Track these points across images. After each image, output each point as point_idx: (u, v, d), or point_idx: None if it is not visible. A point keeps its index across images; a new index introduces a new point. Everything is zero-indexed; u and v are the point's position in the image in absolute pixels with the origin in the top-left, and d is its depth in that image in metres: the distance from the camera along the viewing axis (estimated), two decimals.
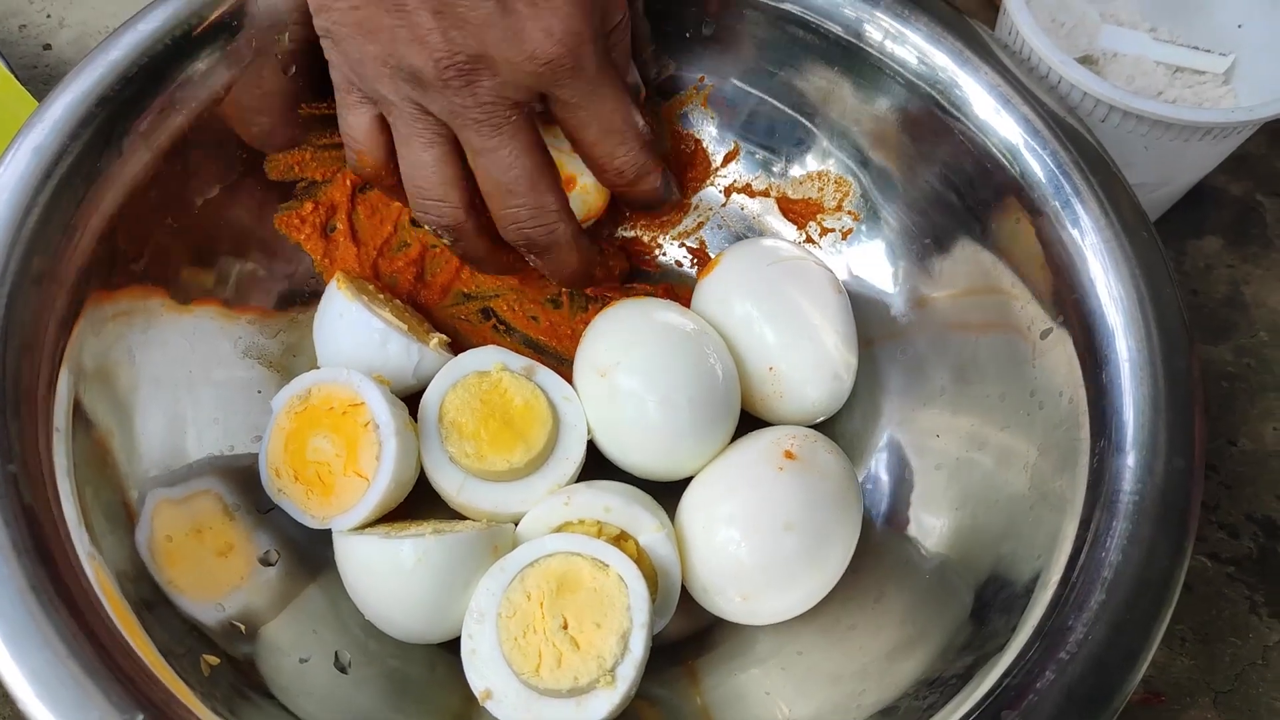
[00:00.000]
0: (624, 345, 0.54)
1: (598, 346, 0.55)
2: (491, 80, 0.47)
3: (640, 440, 0.54)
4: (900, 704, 0.46)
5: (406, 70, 0.47)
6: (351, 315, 0.54)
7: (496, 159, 0.49)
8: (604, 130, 0.52)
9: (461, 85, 0.47)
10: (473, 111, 0.48)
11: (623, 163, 0.53)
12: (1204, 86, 0.66)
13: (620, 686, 0.46)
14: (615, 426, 0.54)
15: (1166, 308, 0.48)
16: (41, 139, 0.47)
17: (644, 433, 0.54)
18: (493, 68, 0.47)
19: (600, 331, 0.56)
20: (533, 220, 0.52)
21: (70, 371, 0.46)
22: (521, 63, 0.47)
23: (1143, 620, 0.42)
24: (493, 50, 0.46)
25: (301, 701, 0.45)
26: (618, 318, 0.56)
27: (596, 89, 0.50)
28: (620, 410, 0.54)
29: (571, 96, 0.49)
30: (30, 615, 0.38)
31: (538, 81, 0.48)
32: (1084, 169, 0.51)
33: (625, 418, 0.54)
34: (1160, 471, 0.45)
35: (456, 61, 0.46)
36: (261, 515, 0.52)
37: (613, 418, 0.54)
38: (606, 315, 0.56)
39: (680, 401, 0.53)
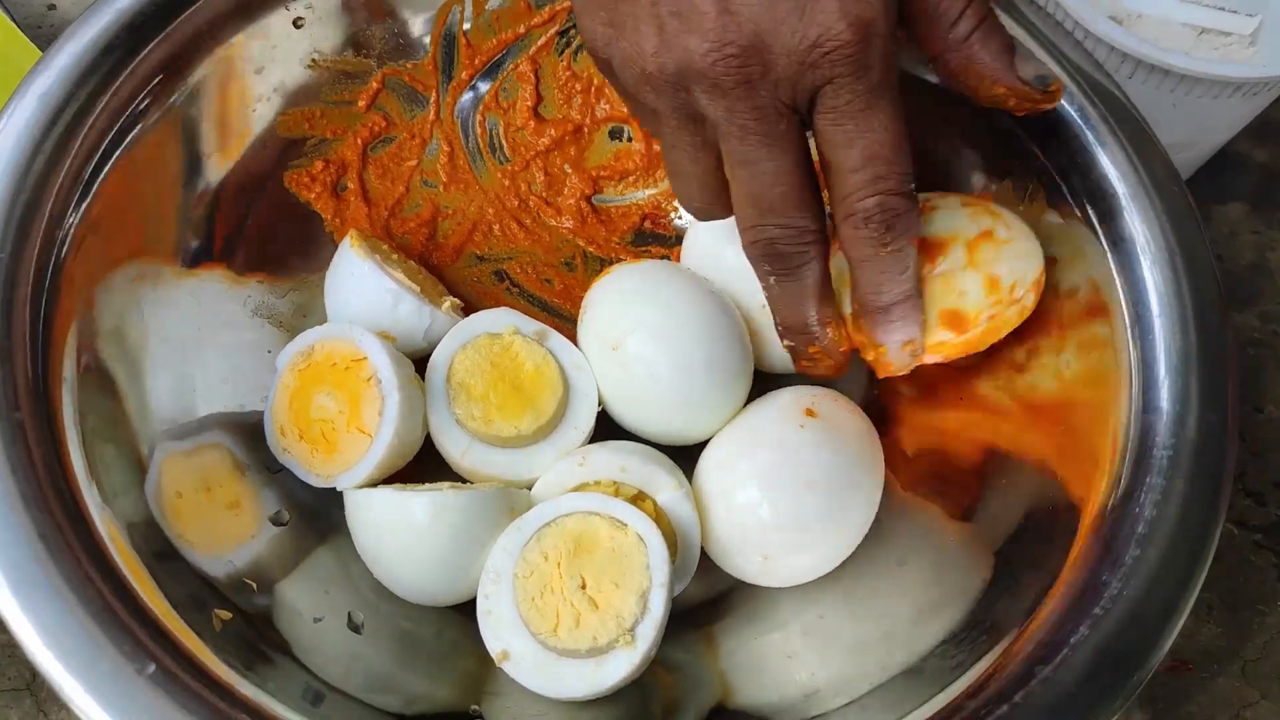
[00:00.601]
0: (634, 315, 0.53)
1: (603, 316, 0.54)
2: (764, 80, 0.41)
3: (656, 408, 0.53)
4: (927, 664, 0.45)
5: (672, 70, 0.41)
6: (364, 275, 0.53)
7: (756, 174, 0.43)
8: (865, 158, 0.43)
9: (730, 85, 0.41)
10: (739, 118, 0.42)
11: (875, 205, 0.43)
12: (1230, 48, 0.65)
13: (640, 646, 0.45)
14: (629, 396, 0.53)
15: (1198, 262, 0.47)
16: (48, 85, 0.46)
17: (659, 400, 0.53)
18: (768, 63, 0.41)
19: (605, 301, 0.54)
20: (784, 237, 0.45)
21: (79, 322, 0.45)
22: (804, 51, 0.40)
23: (1179, 575, 0.41)
24: (770, 38, 0.40)
25: (316, 659, 0.44)
26: (621, 286, 0.55)
27: (876, 100, 0.42)
28: (634, 380, 0.52)
29: (847, 102, 0.42)
30: (39, 564, 0.37)
31: (815, 77, 0.41)
32: (1111, 123, 0.50)
33: (639, 388, 0.53)
34: (1193, 427, 0.44)
35: (727, 56, 0.40)
36: (272, 475, 0.51)
37: (626, 388, 0.53)
38: (607, 284, 0.55)
39: (696, 366, 0.52)
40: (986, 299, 0.49)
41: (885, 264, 0.46)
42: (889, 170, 0.43)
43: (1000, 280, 0.49)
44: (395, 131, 0.59)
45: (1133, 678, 0.39)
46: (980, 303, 0.49)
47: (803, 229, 0.45)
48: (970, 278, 0.49)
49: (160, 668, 0.36)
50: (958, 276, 0.49)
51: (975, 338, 0.49)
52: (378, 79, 0.58)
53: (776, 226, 0.45)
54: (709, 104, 0.42)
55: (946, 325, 0.49)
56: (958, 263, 0.50)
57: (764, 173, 0.43)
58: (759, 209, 0.44)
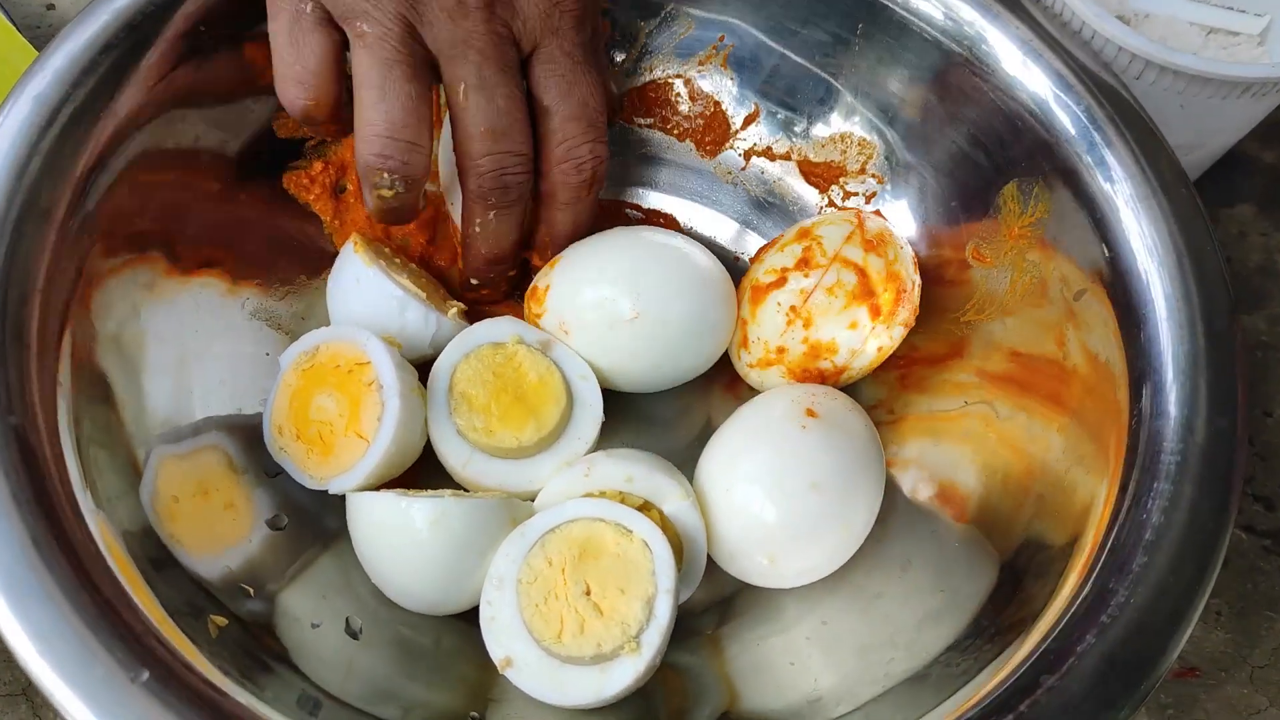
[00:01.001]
0: (624, 275, 0.53)
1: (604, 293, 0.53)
2: (507, 9, 0.45)
3: (650, 358, 0.54)
4: (931, 671, 0.44)
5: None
6: (369, 281, 0.52)
7: (493, 98, 0.46)
8: (581, 106, 0.49)
9: (479, 5, 0.44)
10: (480, 40, 0.45)
11: (587, 151, 0.50)
12: (1239, 47, 0.64)
13: (645, 653, 0.45)
14: (622, 350, 0.54)
15: (1206, 265, 0.47)
16: (43, 87, 0.45)
17: (655, 350, 0.54)
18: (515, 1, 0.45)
19: (587, 261, 0.54)
20: (517, 168, 0.48)
21: (74, 326, 0.44)
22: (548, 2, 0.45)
23: (1187, 582, 0.40)
24: None
25: (314, 666, 0.44)
26: (596, 248, 0.54)
27: (585, 60, 0.48)
28: (635, 341, 0.53)
29: (566, 54, 0.47)
30: (32, 569, 0.36)
31: (545, 26, 0.46)
32: (1118, 123, 0.50)
33: (640, 347, 0.53)
34: (1201, 431, 0.43)
35: None
36: (269, 478, 0.51)
37: (626, 350, 0.54)
38: (580, 249, 0.55)
39: (691, 311, 0.53)
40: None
41: (582, 207, 0.52)
42: (598, 119, 0.49)
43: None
44: None
45: (1140, 686, 0.39)
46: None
47: (527, 156, 0.49)
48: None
49: (154, 675, 0.36)
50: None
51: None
52: None
53: (509, 154, 0.48)
54: (448, 24, 0.44)
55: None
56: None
57: (499, 98, 0.46)
58: (494, 135, 0.47)
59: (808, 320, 0.53)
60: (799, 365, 0.54)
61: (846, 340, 0.53)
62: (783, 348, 0.53)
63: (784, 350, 0.53)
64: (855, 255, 0.53)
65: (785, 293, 0.53)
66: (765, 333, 0.54)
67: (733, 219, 0.63)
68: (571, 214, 0.53)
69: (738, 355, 0.56)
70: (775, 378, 0.55)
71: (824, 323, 0.53)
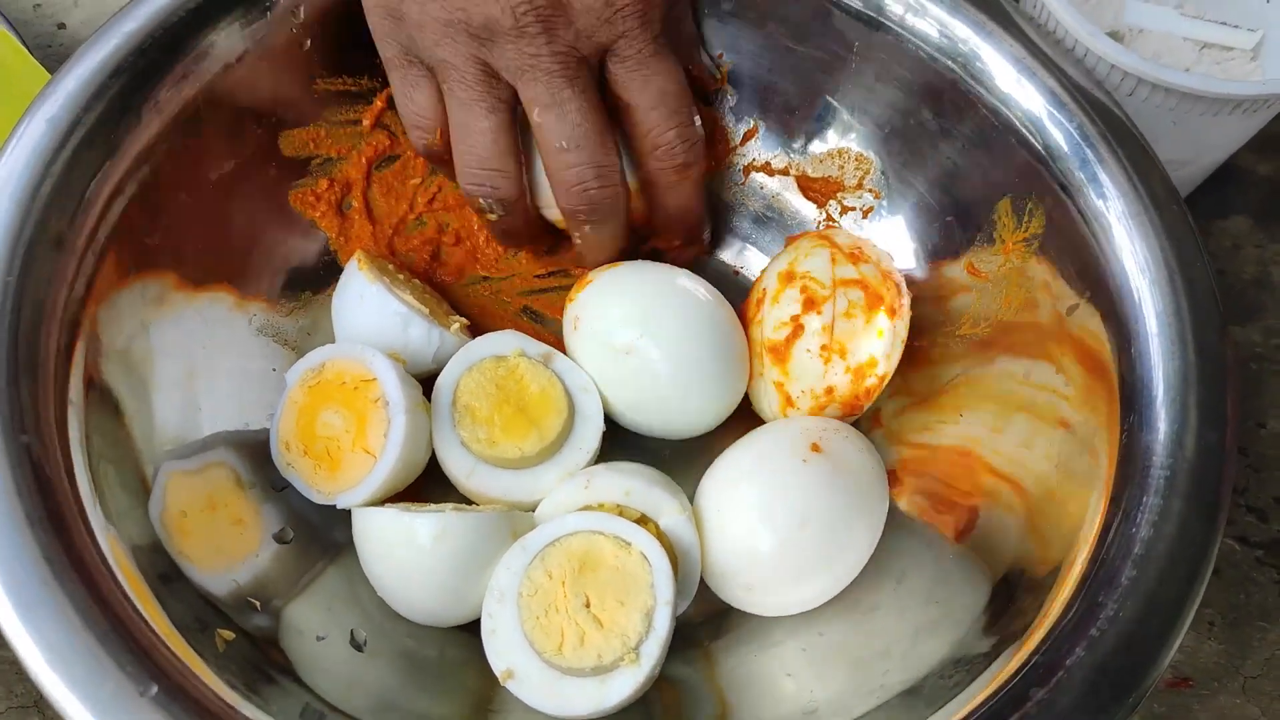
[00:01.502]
0: (641, 317, 0.53)
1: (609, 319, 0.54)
2: (568, 29, 0.47)
3: (663, 405, 0.54)
4: (925, 684, 0.45)
5: (479, 23, 0.46)
6: (372, 297, 0.53)
7: (565, 114, 0.48)
8: (660, 95, 0.50)
9: (538, 32, 0.46)
10: (546, 61, 0.47)
11: (675, 136, 0.51)
12: (1232, 62, 0.65)
13: (644, 665, 0.45)
14: (637, 397, 0.54)
15: (1197, 281, 0.47)
16: (55, 110, 0.46)
17: (667, 398, 0.54)
18: (569, 14, 0.46)
19: (606, 304, 0.55)
20: (598, 180, 0.51)
21: (85, 344, 0.45)
22: (600, 8, 0.47)
23: (1176, 596, 0.41)
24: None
25: (319, 679, 0.45)
26: (620, 289, 0.55)
27: (658, 51, 0.49)
28: (643, 381, 0.53)
29: (637, 51, 0.49)
30: (44, 586, 0.37)
31: (609, 32, 0.48)
32: (1110, 141, 0.50)
33: (648, 387, 0.54)
34: (1191, 446, 0.44)
35: (537, 6, 0.45)
36: (276, 492, 0.51)
37: (636, 391, 0.54)
38: (604, 287, 0.55)
39: (704, 359, 0.54)
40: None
41: (684, 188, 0.54)
42: (680, 104, 0.51)
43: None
44: (399, 150, 0.60)
45: (1129, 698, 0.39)
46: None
47: (610, 167, 0.51)
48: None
49: (162, 689, 0.36)
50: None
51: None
52: (382, 98, 0.58)
53: (587, 166, 0.50)
54: (514, 53, 0.47)
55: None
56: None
57: (571, 112, 0.49)
58: (573, 147, 0.49)
59: (842, 350, 0.53)
60: (850, 394, 0.54)
61: (880, 349, 0.53)
62: (830, 387, 0.54)
63: (832, 389, 0.54)
64: (849, 273, 0.54)
65: (808, 337, 0.54)
66: (807, 382, 0.54)
67: (733, 234, 0.64)
68: (675, 196, 0.55)
69: (782, 413, 0.55)
70: (830, 412, 0.55)
71: (856, 345, 0.53)
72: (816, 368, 0.54)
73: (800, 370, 0.54)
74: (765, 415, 0.56)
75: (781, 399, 0.55)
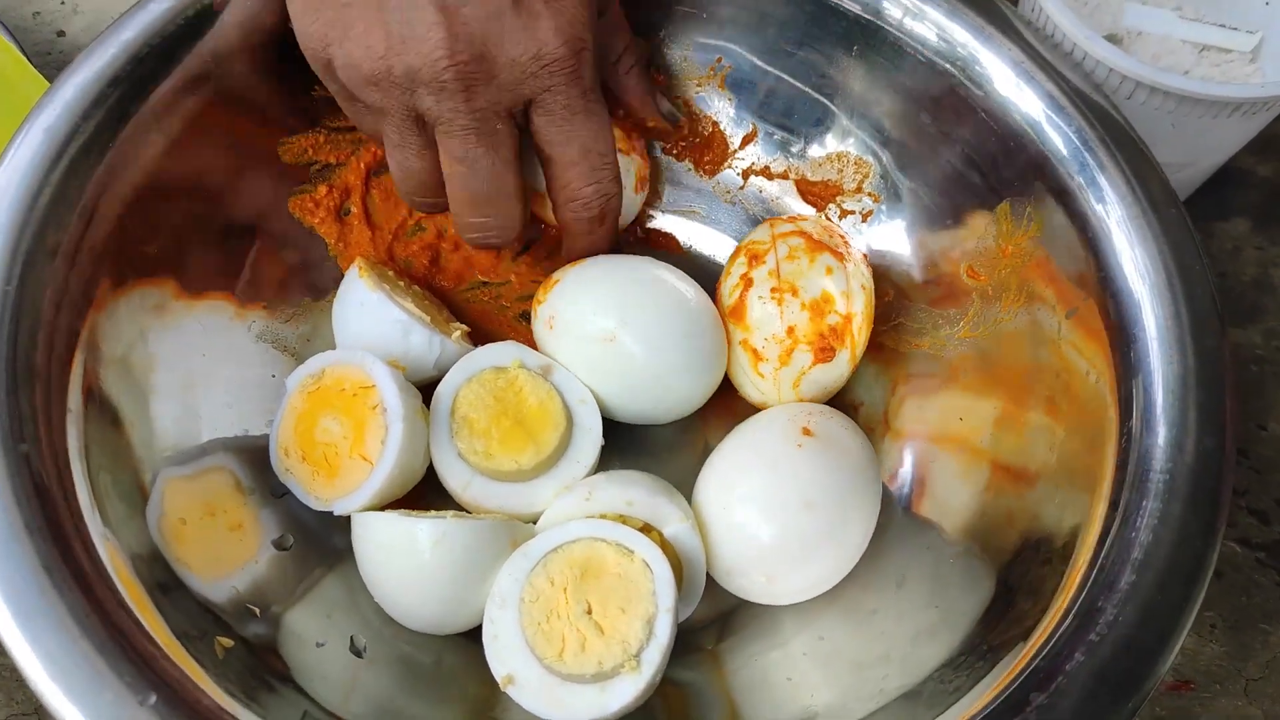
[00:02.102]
0: (617, 304, 0.54)
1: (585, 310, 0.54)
2: (487, 85, 0.46)
3: (650, 387, 0.55)
4: (924, 688, 0.45)
5: (400, 72, 0.45)
6: (373, 305, 0.53)
7: (476, 171, 0.49)
8: (582, 152, 0.50)
9: (457, 89, 0.46)
10: (463, 118, 0.47)
11: (592, 192, 0.52)
12: (1231, 65, 0.65)
13: (645, 672, 0.45)
14: (622, 384, 0.55)
15: (1196, 284, 0.47)
16: (53, 119, 0.46)
17: (653, 382, 0.54)
18: (492, 70, 0.46)
19: (581, 295, 0.55)
20: (499, 231, 0.52)
21: (84, 353, 0.45)
22: (526, 63, 0.46)
23: (1175, 601, 0.41)
24: (495, 49, 0.46)
25: (318, 686, 0.45)
26: (593, 278, 0.56)
27: (587, 106, 0.49)
28: (626, 367, 0.54)
29: (563, 106, 0.49)
30: (43, 595, 0.37)
31: (535, 85, 0.47)
32: (1109, 144, 0.50)
33: (631, 372, 0.54)
34: (1191, 450, 0.44)
35: (458, 63, 0.45)
36: (275, 499, 0.51)
37: (619, 378, 0.55)
38: (573, 282, 0.56)
39: (686, 342, 0.54)
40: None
41: (595, 238, 0.55)
42: (601, 161, 0.51)
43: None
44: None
45: (1128, 704, 0.39)
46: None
47: (514, 218, 0.52)
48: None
49: (161, 698, 0.37)
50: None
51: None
52: None
53: (489, 221, 0.51)
54: (434, 104, 0.47)
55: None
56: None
57: (481, 170, 0.49)
58: (475, 203, 0.50)
59: (792, 289, 0.54)
60: (814, 332, 0.54)
61: (834, 286, 0.55)
62: (791, 326, 0.54)
63: (794, 328, 0.54)
64: (787, 229, 0.57)
65: (758, 286, 0.55)
66: (768, 328, 0.55)
67: (732, 238, 0.64)
68: (586, 243, 0.56)
69: (757, 374, 0.56)
70: (802, 360, 0.55)
71: (806, 283, 0.55)
72: (772, 310, 0.54)
73: (758, 318, 0.55)
74: (746, 390, 0.57)
75: (750, 356, 0.55)
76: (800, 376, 0.55)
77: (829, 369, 0.55)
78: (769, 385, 0.55)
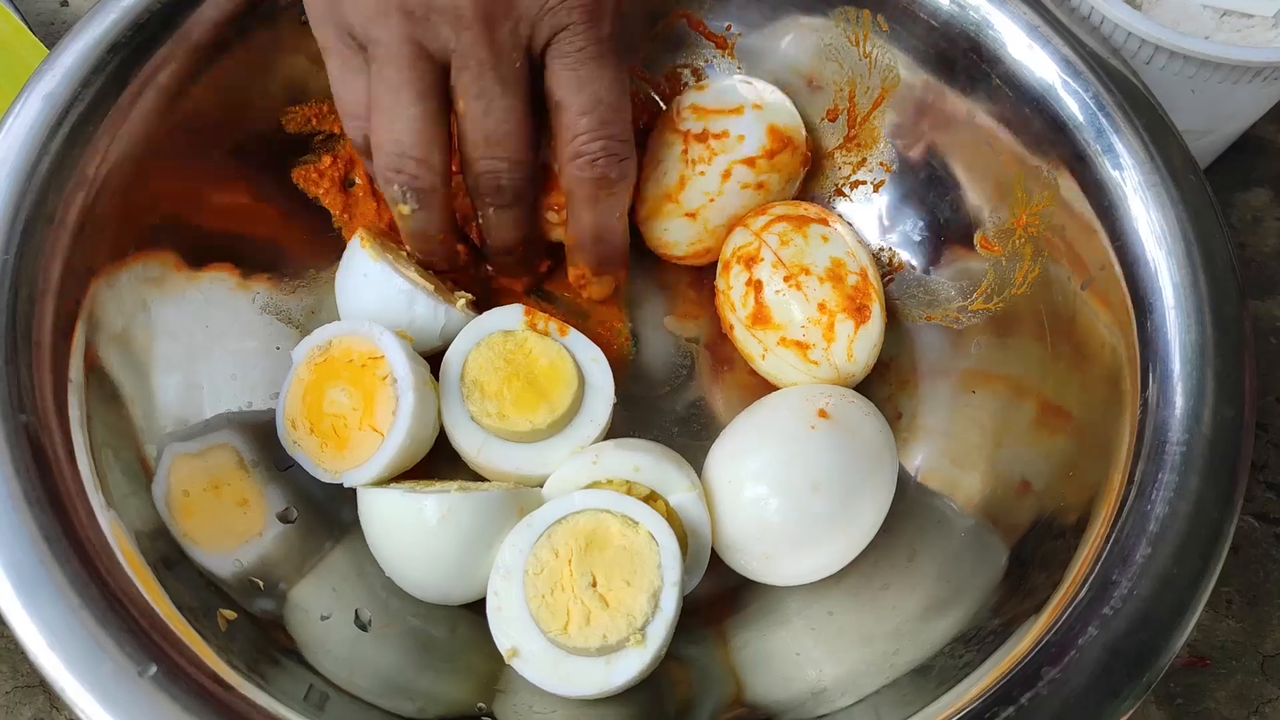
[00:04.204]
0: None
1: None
2: (508, 16, 0.44)
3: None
4: (935, 662, 0.44)
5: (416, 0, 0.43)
6: (376, 275, 0.53)
7: (491, 109, 0.46)
8: (593, 100, 0.47)
9: (476, 17, 0.44)
10: (482, 51, 0.45)
11: (599, 148, 0.48)
12: (1252, 30, 0.63)
13: (650, 645, 0.45)
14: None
15: (1215, 253, 0.46)
16: (53, 86, 0.46)
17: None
18: (511, 1, 0.44)
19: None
20: (510, 173, 0.48)
21: (85, 323, 0.45)
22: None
23: (1190, 575, 0.40)
24: None
25: (322, 659, 0.44)
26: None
27: (604, 54, 0.46)
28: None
29: (579, 48, 0.46)
30: (42, 565, 0.37)
31: (553, 22, 0.45)
32: (1127, 110, 0.49)
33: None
34: (1208, 421, 0.43)
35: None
36: (280, 472, 0.51)
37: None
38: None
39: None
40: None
41: (602, 207, 0.50)
42: (614, 116, 0.47)
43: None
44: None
45: (1142, 678, 0.39)
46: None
47: (522, 162, 0.48)
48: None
49: (162, 670, 0.36)
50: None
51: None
52: None
53: (502, 160, 0.47)
54: (449, 35, 0.44)
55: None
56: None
57: (497, 109, 0.46)
58: (489, 143, 0.47)
59: (803, 268, 0.54)
60: (843, 298, 0.53)
61: (838, 249, 0.54)
62: (821, 302, 0.53)
63: (824, 303, 0.53)
64: (763, 220, 0.56)
65: (769, 283, 0.54)
66: (801, 314, 0.53)
67: None
68: (590, 215, 0.51)
69: (810, 363, 0.53)
70: (845, 329, 0.53)
71: (812, 257, 0.54)
72: (795, 297, 0.53)
73: (785, 311, 0.54)
74: (786, 383, 0.55)
75: (795, 350, 0.54)
76: (850, 344, 0.53)
77: (870, 326, 0.53)
78: (826, 368, 0.54)
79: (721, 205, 0.56)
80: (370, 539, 0.49)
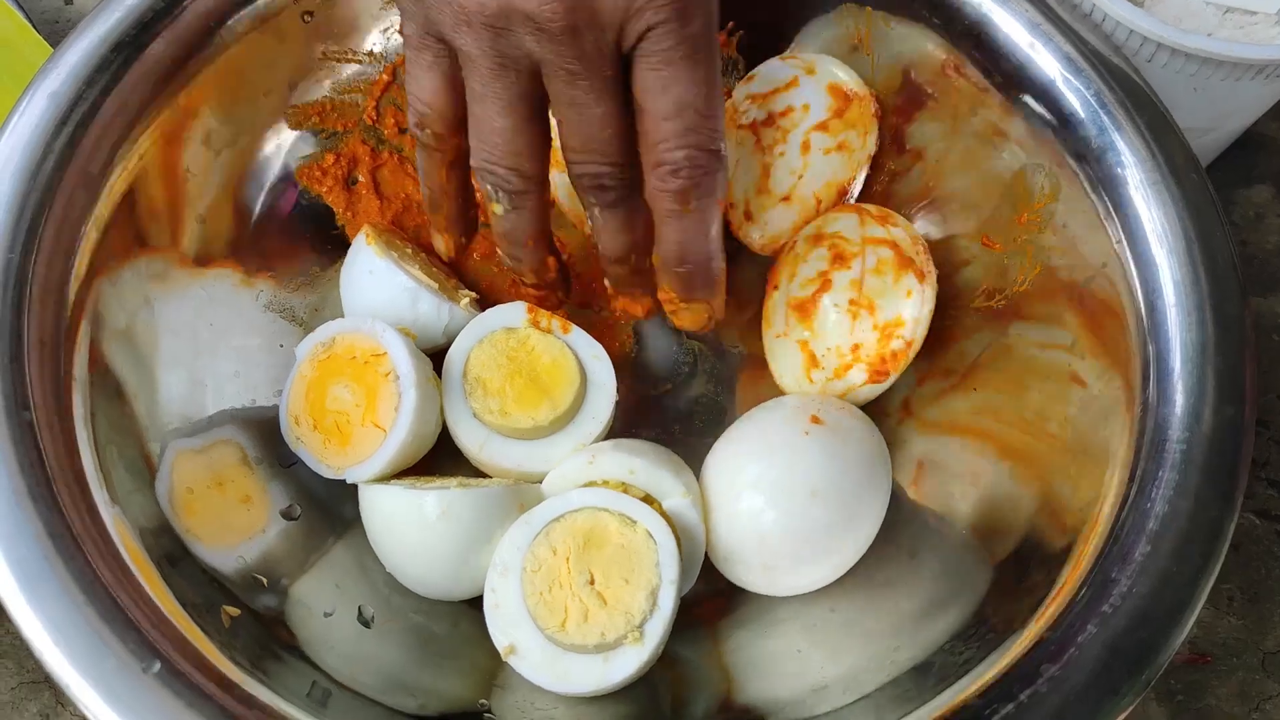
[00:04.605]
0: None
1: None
2: (594, 27, 0.42)
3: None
4: (935, 660, 0.44)
5: (494, 10, 0.41)
6: (381, 272, 0.53)
7: (588, 116, 0.44)
8: (678, 106, 0.43)
9: (560, 29, 0.41)
10: (571, 63, 0.42)
11: (683, 158, 0.44)
12: (1255, 27, 0.63)
13: (648, 644, 0.45)
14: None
15: (1217, 251, 0.46)
16: (57, 85, 0.46)
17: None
18: (594, 6, 0.41)
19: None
20: (613, 176, 0.45)
21: (89, 321, 0.45)
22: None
23: (1190, 572, 0.40)
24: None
25: (325, 655, 0.45)
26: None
27: (695, 51, 0.43)
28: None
29: (667, 48, 0.42)
30: (46, 562, 0.37)
31: (639, 24, 0.42)
32: (1128, 107, 0.49)
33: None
34: (1209, 420, 0.43)
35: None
36: (283, 469, 0.51)
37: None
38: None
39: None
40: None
41: (687, 223, 0.46)
42: (700, 123, 0.43)
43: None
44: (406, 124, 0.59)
45: (1141, 676, 0.39)
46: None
47: (626, 165, 0.45)
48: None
49: (165, 666, 0.37)
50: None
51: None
52: (388, 70, 0.58)
53: (603, 164, 0.45)
54: (535, 46, 0.42)
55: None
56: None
57: (593, 117, 0.43)
58: (587, 149, 0.44)
59: (870, 306, 0.52)
60: (876, 355, 0.52)
61: (908, 311, 0.52)
62: (857, 344, 0.52)
63: (859, 347, 0.52)
64: (878, 233, 0.53)
65: (836, 292, 0.53)
66: (834, 339, 0.53)
67: None
68: (675, 232, 0.46)
69: (807, 379, 0.53)
70: (855, 378, 0.53)
71: (884, 303, 0.52)
72: (844, 324, 0.52)
73: (827, 327, 0.53)
74: (782, 380, 0.55)
75: (806, 358, 0.53)
76: (849, 392, 0.53)
77: (875, 389, 0.53)
78: (815, 392, 0.53)
79: (810, 180, 0.56)
80: (371, 535, 0.50)
